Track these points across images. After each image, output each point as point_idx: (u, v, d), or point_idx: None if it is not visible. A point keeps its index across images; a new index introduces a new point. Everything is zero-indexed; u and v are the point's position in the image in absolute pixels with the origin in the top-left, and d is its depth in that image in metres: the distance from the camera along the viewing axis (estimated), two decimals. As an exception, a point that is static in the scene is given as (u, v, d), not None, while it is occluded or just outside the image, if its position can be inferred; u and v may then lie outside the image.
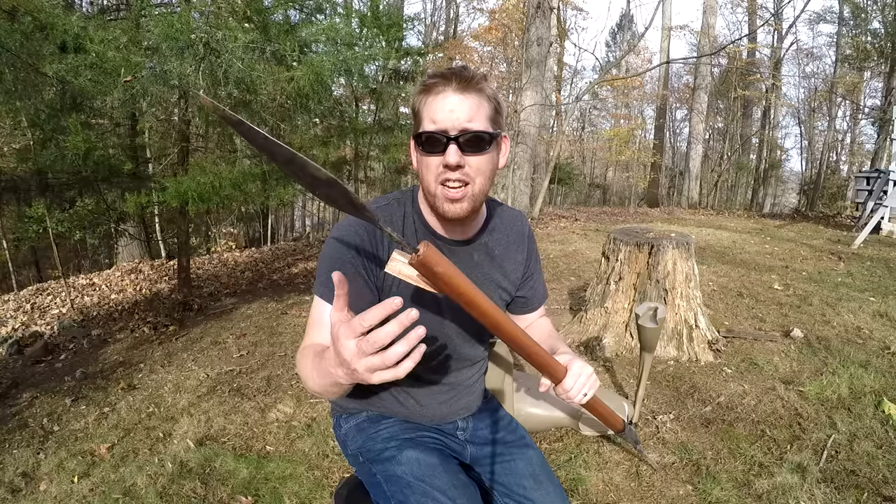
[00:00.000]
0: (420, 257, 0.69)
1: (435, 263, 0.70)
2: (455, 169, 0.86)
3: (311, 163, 0.62)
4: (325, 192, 0.65)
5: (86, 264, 8.59)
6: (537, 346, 0.88)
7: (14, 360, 3.74)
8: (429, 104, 0.87)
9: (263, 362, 3.10)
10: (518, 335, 0.84)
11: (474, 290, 0.76)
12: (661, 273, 2.76)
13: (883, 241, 6.00)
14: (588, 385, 0.93)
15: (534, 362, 0.89)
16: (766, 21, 15.55)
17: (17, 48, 2.88)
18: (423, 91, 0.89)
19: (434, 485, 0.92)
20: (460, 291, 0.74)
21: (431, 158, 0.88)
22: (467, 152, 0.87)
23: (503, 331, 0.82)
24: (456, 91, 0.86)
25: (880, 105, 11.73)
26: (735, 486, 1.78)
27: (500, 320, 0.81)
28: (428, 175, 0.89)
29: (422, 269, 0.70)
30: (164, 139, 5.49)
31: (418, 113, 0.90)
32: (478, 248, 1.03)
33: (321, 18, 4.29)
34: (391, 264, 0.73)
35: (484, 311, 0.78)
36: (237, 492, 1.87)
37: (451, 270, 0.72)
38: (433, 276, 0.71)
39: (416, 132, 0.90)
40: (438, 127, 0.86)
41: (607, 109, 21.76)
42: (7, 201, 4.07)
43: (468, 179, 0.88)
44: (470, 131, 0.86)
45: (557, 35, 12.54)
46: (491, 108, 0.89)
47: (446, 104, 0.86)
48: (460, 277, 0.74)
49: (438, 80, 0.87)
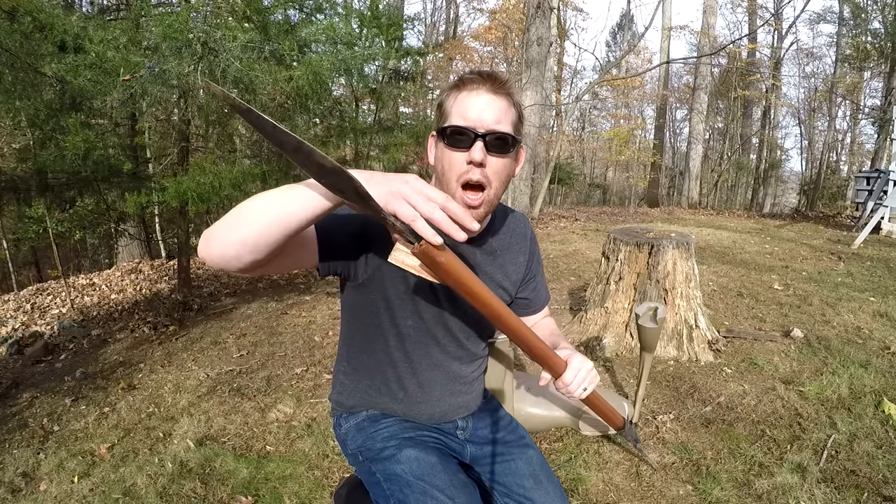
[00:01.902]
0: (423, 247, 0.69)
1: (437, 254, 0.70)
2: (478, 166, 0.87)
3: (317, 151, 0.62)
4: (331, 180, 0.65)
5: (86, 264, 8.58)
6: (538, 340, 0.88)
7: (14, 360, 3.74)
8: (461, 100, 0.89)
9: (263, 362, 3.10)
10: (519, 327, 0.85)
11: (476, 280, 0.77)
12: (661, 273, 2.76)
13: (883, 241, 6.00)
14: (588, 379, 0.93)
15: (534, 356, 0.90)
16: (766, 21, 15.55)
17: (17, 48, 2.88)
18: (455, 87, 0.90)
19: (433, 484, 0.92)
20: (462, 281, 0.75)
21: (455, 154, 0.88)
22: (491, 152, 0.88)
23: (504, 322, 0.83)
24: (489, 91, 0.88)
25: (880, 105, 11.72)
26: (735, 486, 1.78)
27: (501, 311, 0.81)
28: (450, 171, 0.89)
29: (424, 259, 0.71)
30: (164, 139, 5.49)
31: (446, 108, 0.91)
32: (480, 248, 1.04)
33: (321, 18, 4.29)
34: (394, 254, 0.73)
35: (485, 302, 0.79)
36: (237, 492, 1.86)
37: (452, 260, 0.73)
38: (435, 265, 0.72)
39: (441, 126, 0.90)
40: (468, 123, 0.87)
41: (607, 109, 21.76)
42: (7, 201, 4.07)
43: (486, 182, 0.89)
44: (497, 132, 0.87)
45: (557, 35, 12.55)
46: (516, 114, 0.91)
47: (478, 102, 0.87)
48: (462, 267, 0.74)
49: (475, 77, 0.89)
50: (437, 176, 0.95)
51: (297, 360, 3.08)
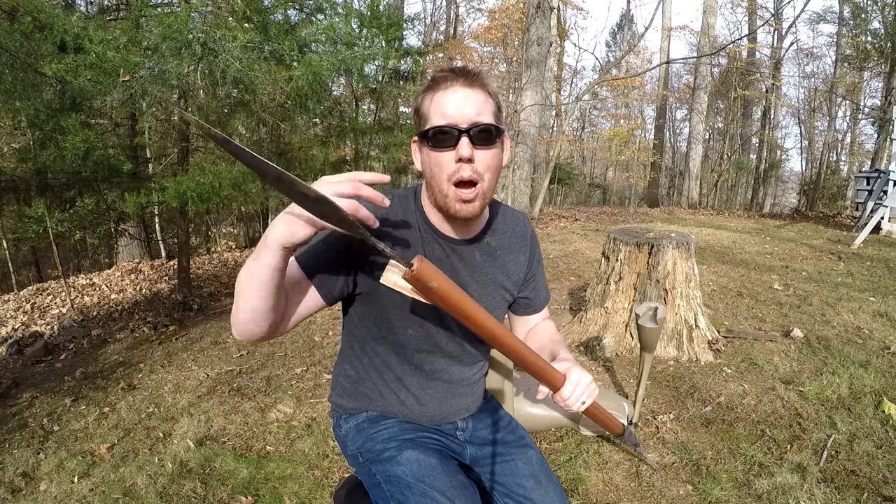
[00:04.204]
0: (414, 273, 0.69)
1: (429, 279, 0.70)
2: (467, 162, 0.87)
3: (299, 181, 0.63)
4: (315, 208, 0.67)
5: (86, 264, 8.59)
6: (535, 356, 0.87)
7: (14, 360, 3.74)
8: (437, 100, 0.87)
9: (263, 362, 3.10)
10: (516, 346, 0.84)
11: (470, 303, 0.76)
12: (661, 273, 2.76)
13: (883, 241, 6.00)
14: (586, 393, 0.91)
15: (532, 372, 0.89)
16: (766, 21, 15.55)
17: (17, 48, 2.88)
18: (429, 89, 0.89)
19: (433, 485, 0.91)
20: (455, 305, 0.75)
21: (443, 154, 0.87)
22: (477, 146, 0.87)
23: (501, 343, 0.82)
24: (464, 86, 0.87)
25: (880, 105, 11.72)
26: (735, 486, 1.78)
27: (497, 332, 0.80)
28: (440, 174, 0.88)
29: (416, 284, 0.71)
30: (164, 139, 5.49)
31: (424, 110, 0.89)
32: (480, 248, 1.03)
33: (321, 18, 4.29)
34: (386, 275, 0.73)
35: (481, 324, 0.78)
36: (237, 492, 1.86)
37: (445, 285, 0.72)
38: (427, 290, 0.71)
39: (422, 130, 0.89)
40: (449, 121, 0.86)
41: (607, 109, 21.75)
42: (7, 201, 4.07)
43: (478, 177, 0.88)
44: (480, 124, 0.86)
45: (557, 35, 12.55)
46: (494, 104, 0.90)
47: (455, 98, 0.86)
48: (455, 291, 0.74)
49: (446, 75, 0.88)
50: (426, 180, 0.93)
51: (296, 359, 3.08)
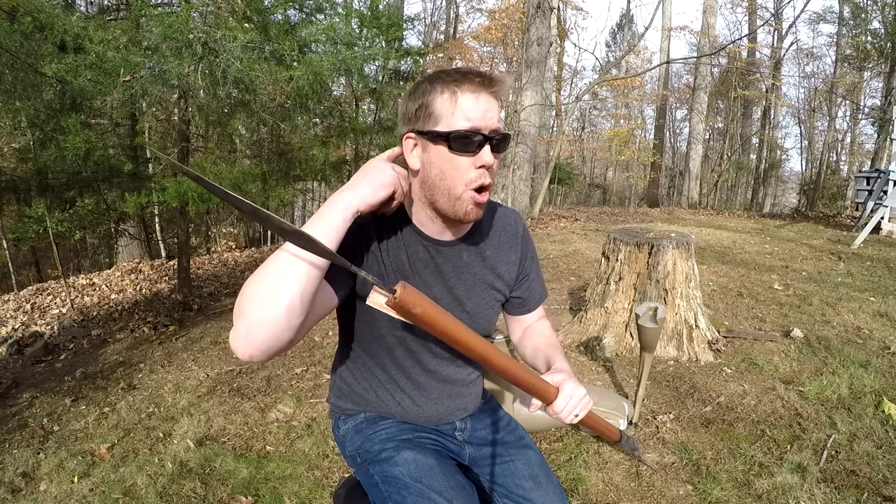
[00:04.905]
0: (397, 300, 0.70)
1: (412, 305, 0.71)
2: (488, 169, 0.88)
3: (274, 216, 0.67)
4: (293, 239, 0.69)
5: (86, 264, 8.59)
6: (526, 373, 0.86)
7: (14, 360, 3.74)
8: (462, 102, 0.85)
9: (263, 362, 3.10)
10: (506, 365, 0.83)
11: (456, 325, 0.76)
12: (661, 273, 2.76)
13: (883, 241, 6.00)
14: (579, 407, 0.90)
15: (524, 388, 0.88)
16: (766, 21, 15.55)
17: (17, 48, 2.88)
18: (443, 85, 0.85)
19: (431, 485, 0.91)
20: (440, 329, 0.75)
21: (462, 158, 0.86)
22: (494, 153, 0.88)
23: (490, 363, 0.82)
24: (489, 93, 0.86)
25: (880, 105, 11.71)
26: (735, 486, 1.78)
27: (486, 353, 0.80)
28: (456, 177, 0.87)
29: (399, 311, 0.72)
30: (164, 139, 5.49)
31: (437, 109, 0.85)
32: (467, 248, 1.01)
33: (321, 18, 4.29)
34: (372, 297, 0.74)
35: (469, 347, 0.78)
36: (237, 492, 1.86)
37: (430, 310, 0.73)
38: (411, 316, 0.72)
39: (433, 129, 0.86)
40: (473, 126, 0.85)
41: (607, 109, 21.75)
42: (7, 201, 4.07)
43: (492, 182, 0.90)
44: (501, 132, 0.87)
45: (557, 35, 12.54)
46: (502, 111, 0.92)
47: (481, 104, 0.85)
48: (440, 315, 0.74)
49: (473, 77, 0.85)
50: (428, 180, 0.90)
51: (296, 359, 3.08)
